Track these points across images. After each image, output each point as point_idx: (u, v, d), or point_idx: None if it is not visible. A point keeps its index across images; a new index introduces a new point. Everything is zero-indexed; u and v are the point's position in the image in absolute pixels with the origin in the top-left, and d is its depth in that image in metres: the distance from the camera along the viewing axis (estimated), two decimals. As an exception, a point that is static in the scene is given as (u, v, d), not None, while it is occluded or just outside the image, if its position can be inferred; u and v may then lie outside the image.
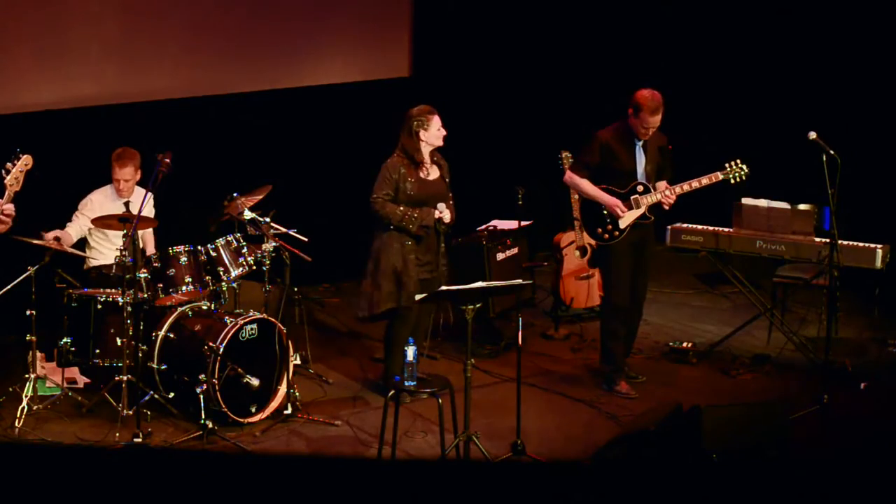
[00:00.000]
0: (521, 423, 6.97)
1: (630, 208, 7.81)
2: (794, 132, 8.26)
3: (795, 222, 8.53)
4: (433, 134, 7.59)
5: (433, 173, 7.69)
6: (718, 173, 7.91)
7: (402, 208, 7.52)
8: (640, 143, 7.80)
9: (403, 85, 10.44)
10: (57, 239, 7.59)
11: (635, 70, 11.06)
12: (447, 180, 7.73)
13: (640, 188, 7.82)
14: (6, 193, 6.79)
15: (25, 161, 6.83)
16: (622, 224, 7.81)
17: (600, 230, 7.87)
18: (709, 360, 8.61)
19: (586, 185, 7.86)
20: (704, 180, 7.88)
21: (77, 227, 7.95)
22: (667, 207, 7.87)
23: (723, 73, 11.01)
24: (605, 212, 7.83)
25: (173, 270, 7.51)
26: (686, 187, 7.86)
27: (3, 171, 6.80)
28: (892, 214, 9.80)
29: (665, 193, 7.82)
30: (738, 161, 7.93)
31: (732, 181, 7.96)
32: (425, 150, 7.62)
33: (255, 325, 7.48)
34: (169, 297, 7.59)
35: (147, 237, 8.16)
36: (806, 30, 10.67)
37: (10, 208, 6.74)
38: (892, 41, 10.29)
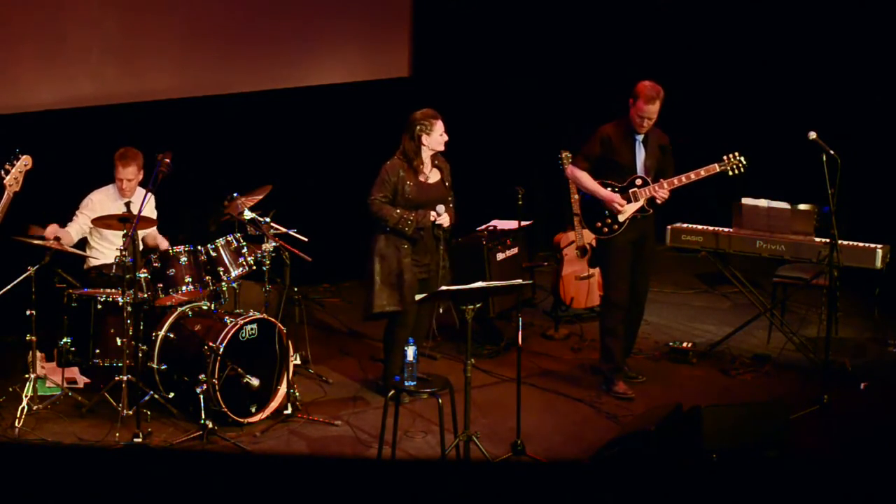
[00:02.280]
0: (521, 423, 6.98)
1: (628, 201, 7.81)
2: (794, 132, 8.27)
3: (795, 222, 8.53)
4: (435, 139, 7.58)
5: (433, 177, 7.69)
6: (715, 165, 7.87)
7: (398, 211, 7.51)
8: (640, 139, 7.79)
9: (403, 85, 10.44)
10: (57, 239, 7.59)
11: (636, 70, 11.07)
12: (448, 183, 7.72)
13: (638, 181, 7.81)
14: (5, 194, 6.79)
15: (25, 161, 6.83)
16: (621, 218, 7.80)
17: (599, 224, 7.87)
18: (709, 360, 8.61)
19: (586, 179, 7.86)
20: (702, 172, 7.85)
21: (77, 227, 7.95)
22: (659, 202, 7.84)
23: (723, 73, 11.01)
24: (605, 206, 7.82)
25: (173, 270, 7.51)
26: (683, 179, 7.83)
27: (3, 172, 6.81)
28: (892, 214, 9.80)
29: (656, 187, 7.77)
30: (737, 153, 7.89)
31: (730, 173, 7.91)
32: (426, 154, 7.61)
33: (255, 325, 7.48)
34: (169, 297, 7.60)
35: (157, 235, 8.13)
36: (806, 30, 10.67)
37: None
38: (892, 41, 10.29)
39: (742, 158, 7.87)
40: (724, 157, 7.89)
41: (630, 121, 7.75)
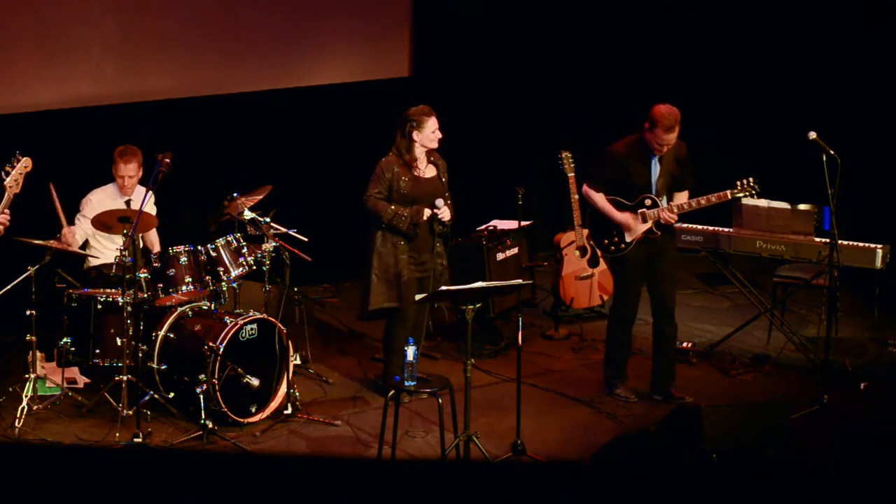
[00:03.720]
0: (521, 423, 6.98)
1: (638, 222, 7.68)
2: (794, 132, 8.26)
3: (795, 222, 8.53)
4: (426, 136, 7.56)
5: (429, 172, 7.68)
6: (728, 192, 7.66)
7: (392, 207, 7.51)
8: (657, 157, 7.61)
9: (403, 85, 10.44)
10: (58, 238, 7.59)
11: (635, 69, 11.07)
12: (444, 179, 7.71)
13: (647, 202, 7.64)
14: (5, 196, 6.77)
15: (25, 163, 6.81)
16: (628, 238, 7.68)
17: (607, 242, 7.75)
18: (709, 360, 8.61)
19: (600, 200, 7.71)
20: (713, 198, 7.64)
21: (81, 232, 7.96)
22: (663, 223, 7.73)
23: (723, 72, 11.01)
24: (614, 224, 7.69)
25: (173, 270, 7.51)
26: (693, 204, 7.65)
27: (3, 174, 6.78)
28: (892, 214, 9.80)
29: (666, 211, 7.62)
30: (752, 179, 7.68)
31: (743, 197, 7.76)
32: (418, 150, 7.60)
33: (255, 325, 7.48)
34: (169, 297, 7.59)
35: (152, 236, 8.16)
36: (806, 30, 10.67)
37: (5, 215, 6.73)
38: (892, 41, 10.28)
39: (756, 185, 7.68)
40: (738, 183, 7.67)
41: (645, 141, 7.54)
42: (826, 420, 7.54)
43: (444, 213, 7.53)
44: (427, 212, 7.51)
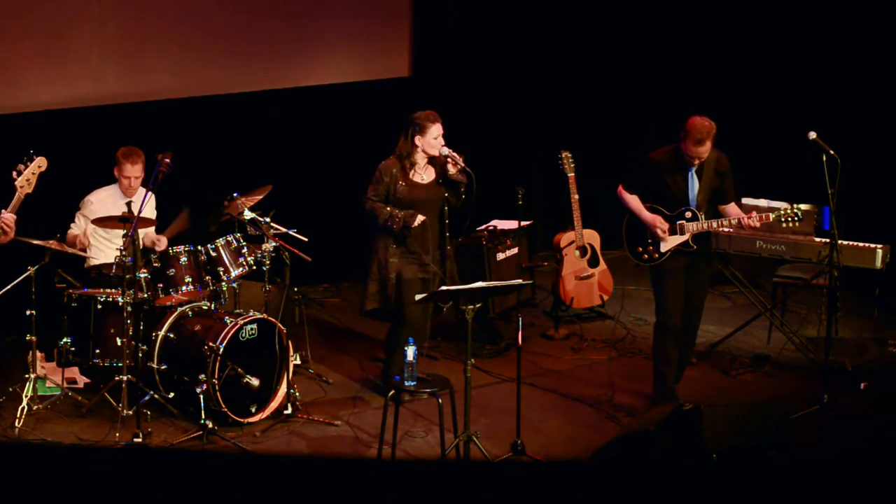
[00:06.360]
0: (521, 423, 6.98)
1: (674, 232, 7.53)
2: (794, 132, 8.26)
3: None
4: (429, 142, 7.55)
5: (427, 177, 7.67)
6: (770, 215, 7.52)
7: (388, 208, 7.51)
8: (694, 168, 7.47)
9: (403, 85, 10.43)
10: (57, 238, 7.58)
11: (635, 69, 11.07)
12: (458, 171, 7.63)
13: (688, 214, 7.51)
14: (17, 195, 6.73)
15: (39, 163, 6.74)
16: (663, 248, 7.53)
17: (640, 249, 7.61)
18: (709, 360, 8.61)
19: (632, 202, 7.59)
20: (755, 220, 7.47)
21: (80, 229, 7.96)
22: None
23: (723, 72, 11.01)
24: (649, 233, 7.57)
25: (173, 270, 7.52)
26: (733, 222, 7.54)
27: (15, 173, 6.74)
28: (892, 214, 9.80)
29: (705, 224, 7.48)
30: (796, 205, 7.59)
31: (784, 224, 7.62)
32: (419, 155, 7.59)
33: (255, 325, 7.48)
34: (169, 297, 7.60)
35: (152, 234, 8.13)
36: (805, 30, 10.67)
37: (10, 218, 6.69)
38: (892, 41, 10.28)
39: (799, 212, 7.54)
40: (783, 211, 7.57)
41: (680, 151, 7.42)
42: (826, 420, 7.54)
43: (455, 157, 7.45)
44: (420, 217, 7.48)
